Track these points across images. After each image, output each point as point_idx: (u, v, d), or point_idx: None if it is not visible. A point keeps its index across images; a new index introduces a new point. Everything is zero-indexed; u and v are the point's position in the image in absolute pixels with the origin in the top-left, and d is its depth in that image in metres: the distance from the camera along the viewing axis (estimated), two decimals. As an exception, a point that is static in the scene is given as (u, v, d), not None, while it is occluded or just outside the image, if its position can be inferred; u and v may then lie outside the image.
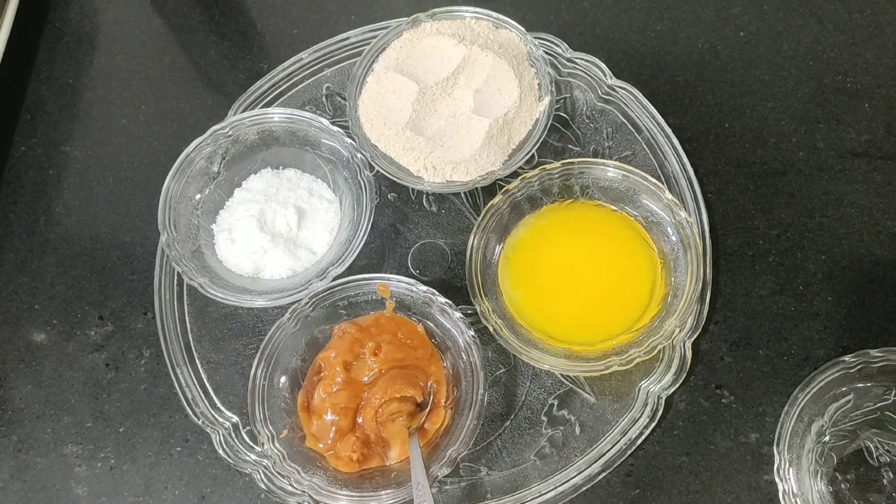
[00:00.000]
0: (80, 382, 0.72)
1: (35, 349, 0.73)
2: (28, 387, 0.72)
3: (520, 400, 0.68)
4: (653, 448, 0.66)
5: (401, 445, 0.65)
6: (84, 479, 0.68)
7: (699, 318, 0.68)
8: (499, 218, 0.70)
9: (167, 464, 0.69)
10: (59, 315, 0.74)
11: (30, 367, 0.73)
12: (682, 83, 0.79)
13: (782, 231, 0.72)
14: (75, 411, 0.71)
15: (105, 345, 0.73)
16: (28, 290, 0.75)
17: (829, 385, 0.62)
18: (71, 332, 0.74)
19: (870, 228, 0.72)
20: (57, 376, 0.72)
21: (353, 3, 0.85)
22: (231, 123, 0.72)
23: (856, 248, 0.71)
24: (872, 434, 0.63)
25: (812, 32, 0.80)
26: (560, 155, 0.76)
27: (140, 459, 0.69)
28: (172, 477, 0.68)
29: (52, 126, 0.82)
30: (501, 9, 0.76)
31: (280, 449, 0.63)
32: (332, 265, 0.67)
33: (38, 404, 0.71)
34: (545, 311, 0.68)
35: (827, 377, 0.62)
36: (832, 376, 0.62)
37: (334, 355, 0.66)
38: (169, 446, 0.69)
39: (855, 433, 0.63)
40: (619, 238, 0.70)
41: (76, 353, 0.73)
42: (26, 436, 0.70)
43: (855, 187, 0.73)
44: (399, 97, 0.72)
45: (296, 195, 0.73)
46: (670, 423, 0.67)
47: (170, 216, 0.70)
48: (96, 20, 0.88)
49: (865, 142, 0.75)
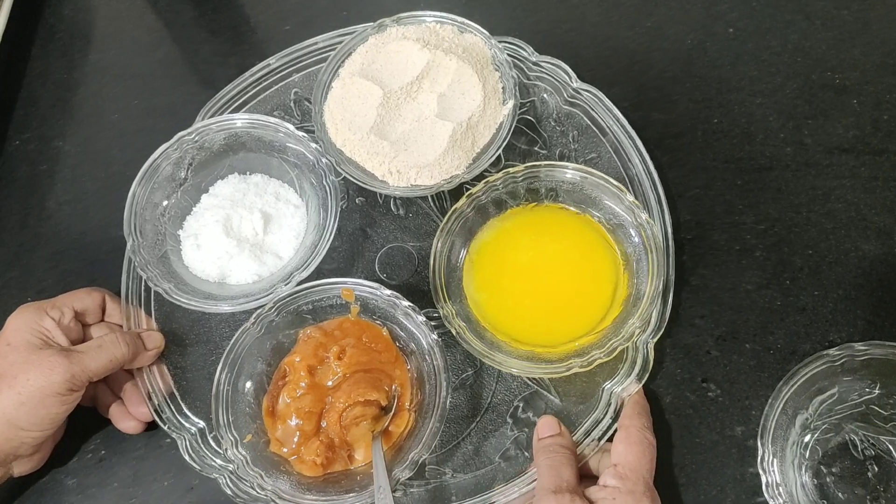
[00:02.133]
0: (70, 375, 0.72)
1: (26, 342, 0.73)
2: (18, 379, 0.72)
3: (485, 402, 0.68)
4: (639, 441, 0.66)
5: (365, 449, 0.65)
6: (73, 470, 0.69)
7: (662, 318, 0.68)
8: (463, 221, 0.70)
9: (155, 456, 0.69)
10: (49, 308, 0.75)
11: (20, 359, 0.73)
12: (669, 79, 0.79)
13: (769, 226, 0.73)
14: (65, 404, 0.71)
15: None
16: (19, 285, 0.76)
17: (814, 378, 0.62)
18: (61, 325, 0.74)
19: (857, 223, 0.72)
20: (47, 369, 0.72)
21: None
22: (197, 129, 0.73)
23: (842, 243, 0.71)
24: (857, 427, 0.63)
25: (800, 29, 0.80)
26: (526, 158, 0.76)
27: (129, 451, 0.69)
28: (161, 468, 0.68)
29: (44, 121, 0.83)
30: (473, 14, 0.76)
31: (243, 454, 0.63)
32: (298, 270, 0.67)
33: (29, 397, 0.71)
34: (509, 313, 0.69)
35: (811, 370, 0.62)
36: (816, 369, 0.62)
37: (299, 360, 0.66)
38: (158, 438, 0.69)
39: (840, 426, 0.63)
40: (582, 240, 0.70)
41: (66, 346, 0.73)
42: (16, 428, 0.71)
43: (842, 182, 0.74)
44: (364, 102, 0.72)
45: (262, 200, 0.73)
46: (656, 417, 0.67)
47: (135, 222, 0.69)
48: (90, 16, 0.89)
49: (853, 137, 0.75)
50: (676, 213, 0.73)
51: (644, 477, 0.59)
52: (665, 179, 0.74)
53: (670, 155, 0.76)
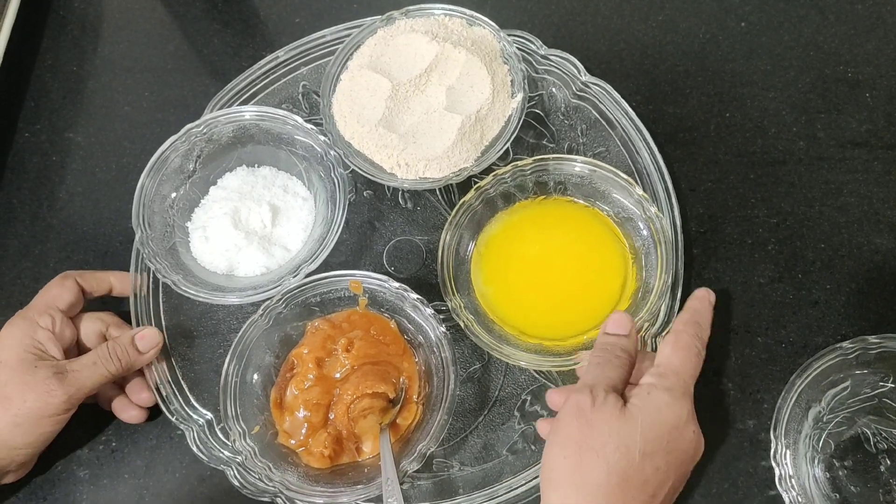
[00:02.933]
0: (82, 366, 0.72)
1: (38, 333, 0.74)
2: (30, 370, 0.72)
3: (493, 395, 0.68)
4: (651, 434, 0.67)
5: (373, 441, 0.65)
6: (85, 461, 0.69)
7: (671, 312, 0.68)
8: (471, 214, 0.70)
9: (168, 447, 0.69)
10: (61, 299, 0.75)
11: (32, 350, 0.73)
12: (682, 73, 0.79)
13: (782, 220, 0.72)
14: (77, 394, 0.71)
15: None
16: (31, 275, 0.76)
17: (827, 371, 0.62)
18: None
19: (869, 217, 0.72)
20: (59, 360, 0.72)
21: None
22: (206, 121, 0.72)
23: (855, 237, 0.71)
24: (870, 421, 0.63)
25: (813, 23, 0.80)
26: (535, 151, 0.76)
27: (141, 442, 0.69)
28: (173, 460, 0.69)
29: (55, 113, 0.83)
30: (480, 6, 0.76)
31: (251, 445, 0.63)
32: (306, 262, 0.67)
33: (41, 387, 0.72)
34: (517, 306, 0.69)
35: (825, 363, 0.62)
36: (830, 362, 0.62)
37: (307, 352, 0.67)
38: (170, 429, 0.69)
39: (852, 420, 0.64)
40: (590, 234, 0.70)
41: (78, 337, 0.73)
42: (28, 418, 0.71)
43: (855, 177, 0.73)
44: (372, 94, 0.72)
45: (270, 192, 0.73)
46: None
47: (144, 214, 0.69)
48: (100, 8, 0.89)
49: (866, 132, 0.75)
50: (689, 207, 0.73)
51: (685, 381, 0.55)
52: (677, 173, 0.74)
53: (683, 149, 0.76)
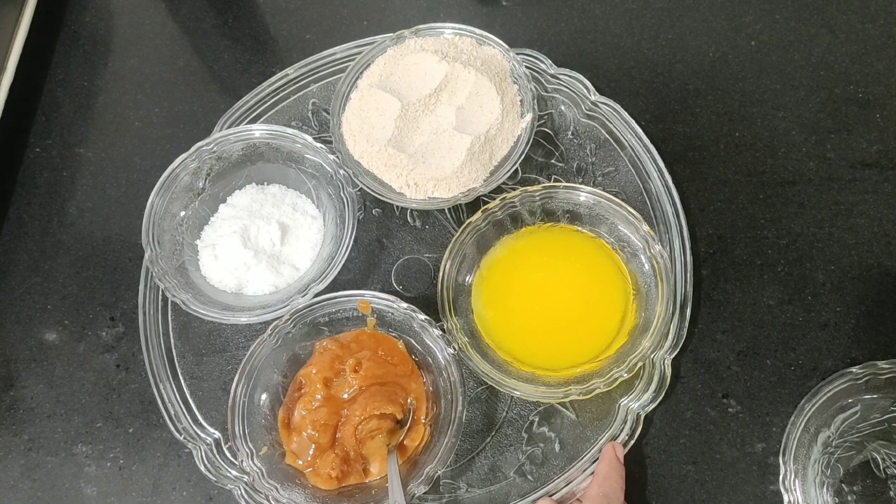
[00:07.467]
0: (90, 383, 0.72)
1: (47, 349, 0.74)
2: (39, 386, 0.73)
3: (501, 417, 0.68)
4: (658, 457, 0.66)
5: (380, 462, 0.65)
6: (93, 478, 0.69)
7: (679, 334, 0.68)
8: (477, 236, 0.70)
9: (175, 465, 0.69)
10: (70, 315, 0.75)
11: (41, 366, 0.73)
12: (692, 91, 0.79)
13: (791, 241, 0.72)
14: (86, 411, 0.71)
15: (116, 346, 0.74)
16: (41, 291, 0.76)
17: (837, 396, 0.62)
18: (82, 332, 0.74)
19: (879, 239, 0.72)
20: (68, 376, 0.73)
21: (365, 9, 0.86)
22: (216, 140, 0.73)
23: (865, 259, 0.71)
24: (879, 446, 0.63)
25: (824, 42, 0.80)
26: (544, 170, 0.76)
27: (149, 460, 0.69)
28: (181, 478, 0.69)
29: (66, 128, 0.83)
30: (490, 25, 0.76)
31: (259, 466, 0.63)
32: (314, 281, 0.67)
33: (49, 404, 0.72)
34: (514, 333, 0.68)
35: (834, 388, 0.62)
36: (839, 387, 0.62)
37: (315, 372, 0.66)
38: (178, 447, 0.69)
39: (862, 445, 0.63)
40: (594, 265, 0.70)
41: (87, 354, 0.73)
42: (37, 435, 0.71)
43: (865, 198, 0.73)
44: (382, 114, 0.72)
45: (280, 211, 0.73)
46: (676, 432, 0.67)
47: (154, 232, 0.70)
48: (111, 23, 0.89)
49: (876, 152, 0.75)
50: (698, 227, 0.73)
51: None
52: (686, 192, 0.74)
53: (692, 168, 0.75)
